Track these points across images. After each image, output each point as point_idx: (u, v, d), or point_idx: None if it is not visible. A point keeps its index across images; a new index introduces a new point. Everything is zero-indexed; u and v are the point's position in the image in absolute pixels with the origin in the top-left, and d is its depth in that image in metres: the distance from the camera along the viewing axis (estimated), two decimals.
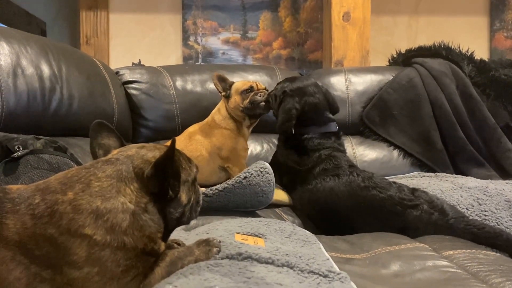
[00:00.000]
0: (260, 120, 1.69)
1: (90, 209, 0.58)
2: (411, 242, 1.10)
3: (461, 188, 1.49)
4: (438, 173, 1.87)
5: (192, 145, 1.59)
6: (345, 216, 1.34)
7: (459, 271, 0.89)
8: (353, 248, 1.09)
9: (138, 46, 3.05)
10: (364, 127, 2.13)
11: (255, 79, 2.04)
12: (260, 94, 1.60)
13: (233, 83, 1.65)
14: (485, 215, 1.35)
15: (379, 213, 1.29)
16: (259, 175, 1.20)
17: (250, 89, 1.61)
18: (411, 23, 3.26)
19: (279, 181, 1.49)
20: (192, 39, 3.12)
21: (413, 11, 3.26)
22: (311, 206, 1.41)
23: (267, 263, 0.69)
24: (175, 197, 0.66)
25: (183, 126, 1.84)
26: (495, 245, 1.16)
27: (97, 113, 1.53)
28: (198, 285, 0.56)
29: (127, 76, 1.94)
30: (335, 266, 0.75)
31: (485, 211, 1.36)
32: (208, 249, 0.70)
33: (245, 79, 2.03)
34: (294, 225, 1.00)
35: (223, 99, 1.66)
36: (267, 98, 1.61)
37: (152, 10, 3.06)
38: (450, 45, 2.23)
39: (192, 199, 0.71)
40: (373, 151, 2.07)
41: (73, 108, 1.45)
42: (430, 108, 2.07)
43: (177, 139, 1.62)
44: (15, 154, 1.00)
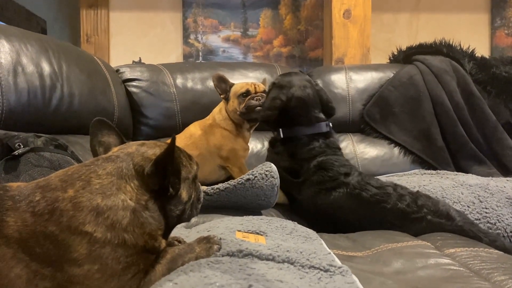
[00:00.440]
0: None
1: (90, 206, 0.58)
2: (413, 240, 1.10)
3: (462, 185, 1.49)
4: (439, 171, 1.87)
5: (192, 143, 1.59)
6: (347, 225, 1.30)
7: (462, 269, 0.89)
8: (355, 245, 1.09)
9: (138, 44, 3.04)
10: (364, 125, 2.13)
11: (255, 77, 2.03)
12: (256, 98, 1.53)
13: (233, 84, 1.61)
14: (486, 213, 1.35)
15: (383, 225, 1.25)
16: (263, 178, 1.17)
17: (246, 93, 1.55)
18: (412, 20, 3.25)
19: None
20: (192, 37, 3.11)
21: (414, 8, 3.25)
22: (310, 214, 1.37)
23: (267, 259, 0.69)
24: (176, 194, 0.66)
25: (184, 124, 1.84)
26: None
27: (97, 111, 1.53)
28: (198, 282, 0.56)
29: (128, 74, 1.94)
30: (336, 260, 0.74)
31: (486, 209, 1.36)
32: (208, 246, 0.70)
33: (246, 77, 2.03)
34: (295, 222, 1.00)
35: (223, 100, 1.65)
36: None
37: (152, 8, 3.06)
38: (451, 43, 2.22)
39: (192, 196, 0.71)
40: (373, 148, 2.07)
41: (74, 106, 1.44)
42: (431, 105, 2.07)
43: (178, 137, 1.62)
44: (15, 152, 1.00)
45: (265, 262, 0.68)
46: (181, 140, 1.59)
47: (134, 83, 1.92)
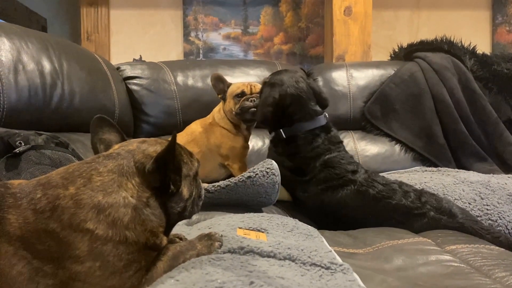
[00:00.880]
0: None
1: (91, 203, 0.58)
2: (414, 236, 1.10)
3: (463, 182, 1.49)
4: (440, 168, 1.87)
5: (192, 141, 1.59)
6: (352, 222, 1.30)
7: (462, 265, 0.89)
8: (356, 242, 1.09)
9: (139, 42, 3.04)
10: (365, 122, 2.13)
11: (256, 74, 2.03)
12: (251, 99, 1.52)
13: (230, 84, 1.60)
14: (487, 209, 1.35)
15: (387, 221, 1.26)
16: (264, 175, 1.17)
17: (241, 94, 1.54)
18: (412, 17, 3.24)
19: None
20: (193, 34, 3.11)
21: (414, 5, 3.24)
22: (314, 212, 1.37)
23: (269, 256, 0.69)
24: (177, 191, 0.66)
25: (184, 121, 1.84)
26: None
27: (98, 109, 1.53)
28: (200, 279, 0.56)
29: (128, 71, 1.94)
30: (337, 257, 0.75)
31: (487, 205, 1.36)
32: (210, 243, 0.70)
33: (247, 75, 2.03)
34: (296, 220, 1.00)
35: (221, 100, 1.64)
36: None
37: (153, 5, 3.06)
38: (452, 39, 2.22)
39: (194, 193, 0.71)
40: (375, 146, 2.07)
41: (74, 103, 1.44)
42: (432, 102, 2.07)
43: (179, 135, 1.62)
44: (16, 149, 1.00)
45: (267, 259, 0.68)
46: (182, 138, 1.60)
47: (134, 81, 1.92)
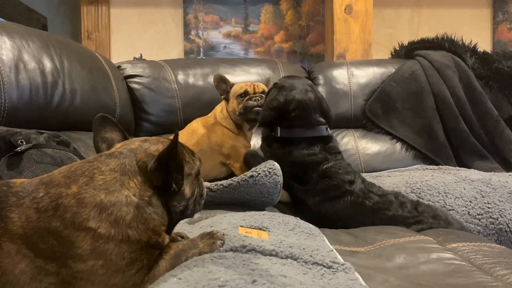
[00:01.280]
0: None
1: (94, 202, 0.58)
2: (415, 235, 1.10)
3: (464, 180, 1.49)
4: (441, 166, 1.87)
5: (194, 140, 1.59)
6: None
7: (464, 263, 0.89)
8: (357, 241, 1.09)
9: (139, 40, 3.04)
10: (366, 120, 2.12)
11: (257, 73, 2.03)
12: (255, 98, 1.52)
13: (233, 85, 1.60)
14: (488, 208, 1.35)
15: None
16: (266, 175, 1.16)
17: (245, 94, 1.54)
18: (413, 15, 3.24)
19: None
20: (193, 33, 3.11)
21: (415, 3, 3.23)
22: (311, 216, 1.34)
23: (271, 255, 0.69)
24: (179, 190, 0.66)
25: (185, 120, 1.83)
26: None
27: (99, 108, 1.53)
28: (202, 277, 0.56)
29: (129, 70, 1.94)
30: (339, 257, 0.75)
31: (488, 204, 1.36)
32: (212, 241, 0.70)
33: (247, 73, 2.03)
34: (297, 218, 1.00)
35: (224, 100, 1.64)
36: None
37: (153, 4, 3.05)
38: (453, 37, 2.22)
39: (195, 192, 0.71)
40: (375, 144, 2.07)
41: (76, 102, 1.44)
42: (433, 100, 2.07)
43: (180, 133, 1.62)
44: (18, 148, 1.00)
45: (269, 257, 0.68)
46: (183, 136, 1.60)
47: (135, 80, 1.92)
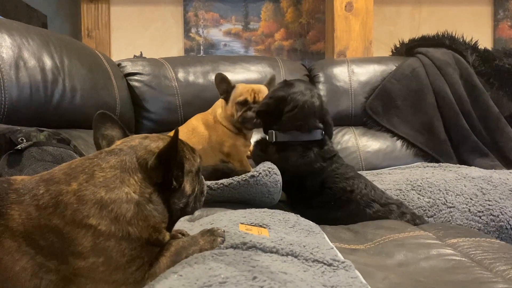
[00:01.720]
0: None
1: (94, 199, 0.58)
2: (415, 230, 1.10)
3: (464, 178, 1.49)
4: (441, 163, 1.87)
5: (194, 137, 1.59)
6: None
7: (464, 259, 0.89)
8: (357, 237, 1.09)
9: (139, 38, 3.04)
10: (367, 118, 2.12)
11: (257, 70, 2.02)
12: (253, 109, 1.46)
13: (234, 86, 1.54)
14: (489, 205, 1.35)
15: None
16: (267, 175, 1.16)
17: (244, 103, 1.48)
18: (414, 13, 3.23)
19: None
20: (193, 30, 3.11)
21: (416, 0, 3.23)
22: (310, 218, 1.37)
23: (271, 252, 0.69)
24: (179, 187, 0.66)
25: (186, 118, 1.83)
26: None
27: (99, 105, 1.53)
28: (203, 274, 0.56)
29: (129, 68, 1.94)
30: (339, 255, 0.75)
31: (489, 201, 1.36)
32: (212, 238, 0.70)
33: (248, 71, 2.02)
34: (298, 215, 1.00)
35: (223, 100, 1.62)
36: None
37: (153, 2, 3.05)
38: (453, 35, 2.21)
39: (196, 189, 0.71)
40: (376, 141, 2.07)
41: (76, 100, 1.44)
42: (433, 98, 2.07)
43: (180, 131, 1.61)
44: (18, 146, 1.00)
45: (269, 254, 0.68)
46: (183, 133, 1.59)
47: (135, 77, 1.92)
